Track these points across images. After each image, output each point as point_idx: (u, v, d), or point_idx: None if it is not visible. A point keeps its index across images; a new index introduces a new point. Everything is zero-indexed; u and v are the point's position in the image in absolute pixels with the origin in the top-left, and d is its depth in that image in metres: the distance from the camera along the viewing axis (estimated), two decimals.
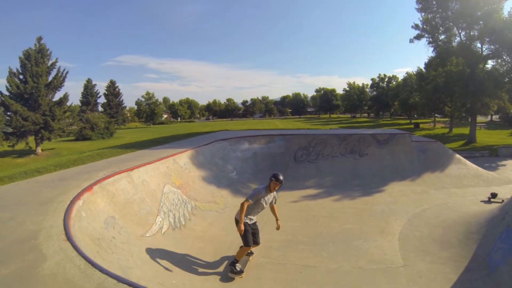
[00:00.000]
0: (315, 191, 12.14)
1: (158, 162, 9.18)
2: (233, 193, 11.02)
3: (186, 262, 6.13)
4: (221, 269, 6.33)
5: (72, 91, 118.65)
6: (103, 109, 70.86)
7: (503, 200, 9.57)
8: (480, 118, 50.92)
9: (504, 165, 19.23)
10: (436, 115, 54.63)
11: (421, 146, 14.58)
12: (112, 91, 73.03)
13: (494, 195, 10.41)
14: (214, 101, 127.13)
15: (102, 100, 72.93)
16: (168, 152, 10.69)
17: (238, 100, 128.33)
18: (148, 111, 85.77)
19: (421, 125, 51.49)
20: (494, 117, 64.01)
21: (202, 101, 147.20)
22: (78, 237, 4.11)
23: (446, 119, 51.15)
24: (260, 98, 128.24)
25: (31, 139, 35.61)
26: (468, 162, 14.18)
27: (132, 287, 3.02)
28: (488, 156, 23.82)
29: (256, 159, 14.22)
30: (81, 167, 9.27)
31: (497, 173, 15.13)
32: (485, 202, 10.28)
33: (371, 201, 10.77)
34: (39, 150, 35.41)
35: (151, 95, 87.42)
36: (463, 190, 11.75)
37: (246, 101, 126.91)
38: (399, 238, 7.82)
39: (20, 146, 34.88)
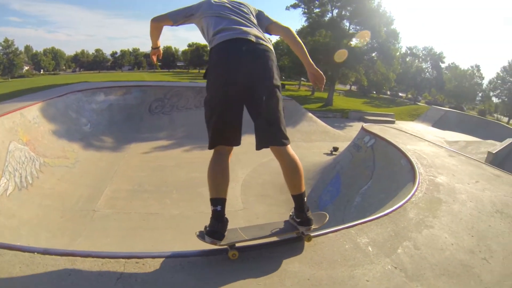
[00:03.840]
0: (166, 142, 12.40)
1: (3, 117, 8.07)
2: (85, 147, 10.63)
3: (33, 222, 6.07)
4: (67, 224, 6.31)
5: None
6: None
7: None
8: (340, 86, 57.64)
9: (351, 125, 22.43)
10: (302, 78, 59.74)
11: None
12: None
13: (335, 149, 11.89)
14: (82, 52, 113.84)
15: None
16: (16, 106, 9.46)
17: (108, 51, 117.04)
18: (6, 62, 72.00)
19: (286, 87, 55.49)
20: (353, 87, 73.18)
21: (70, 51, 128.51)
22: None
23: (310, 83, 56.07)
24: (130, 49, 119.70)
25: None
26: (319, 120, 15.89)
27: None
28: (340, 118, 27.58)
29: (111, 111, 13.58)
30: None
31: (343, 132, 17.41)
32: (327, 154, 11.72)
33: None
34: None
35: (10, 42, 73.38)
36: (310, 144, 13.18)
37: (116, 52, 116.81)
38: (242, 184, 8.50)
39: None
